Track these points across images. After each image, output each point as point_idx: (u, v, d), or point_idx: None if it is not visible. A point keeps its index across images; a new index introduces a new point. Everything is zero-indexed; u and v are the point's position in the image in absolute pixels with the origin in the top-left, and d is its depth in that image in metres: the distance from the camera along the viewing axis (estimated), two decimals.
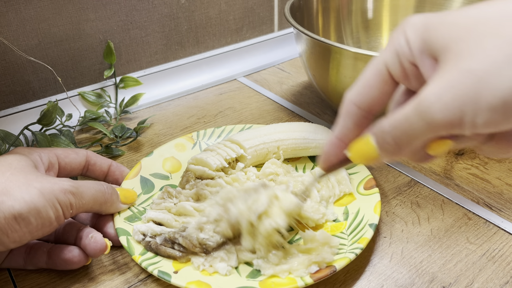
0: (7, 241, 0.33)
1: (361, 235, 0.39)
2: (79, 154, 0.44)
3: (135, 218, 0.43)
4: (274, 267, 0.37)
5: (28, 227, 0.34)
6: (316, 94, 0.69)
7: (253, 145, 0.49)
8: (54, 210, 0.35)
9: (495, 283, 0.38)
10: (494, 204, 0.47)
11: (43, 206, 0.34)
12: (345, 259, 0.37)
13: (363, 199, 0.44)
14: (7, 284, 0.39)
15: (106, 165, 0.46)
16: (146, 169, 0.49)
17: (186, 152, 0.52)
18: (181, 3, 0.68)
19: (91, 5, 0.60)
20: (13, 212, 0.33)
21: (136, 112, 0.65)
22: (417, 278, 0.39)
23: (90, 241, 0.37)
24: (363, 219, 0.41)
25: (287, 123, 0.52)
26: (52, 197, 0.35)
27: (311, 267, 0.36)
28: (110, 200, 0.40)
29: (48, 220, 0.35)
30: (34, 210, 0.33)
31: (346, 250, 0.39)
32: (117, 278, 0.39)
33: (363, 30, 0.72)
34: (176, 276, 0.37)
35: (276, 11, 0.81)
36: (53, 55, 0.60)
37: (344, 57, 0.51)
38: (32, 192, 0.34)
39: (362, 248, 0.38)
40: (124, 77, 0.65)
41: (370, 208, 0.42)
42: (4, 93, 0.58)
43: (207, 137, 0.54)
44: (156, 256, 0.39)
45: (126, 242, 0.39)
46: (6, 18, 0.54)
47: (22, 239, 0.34)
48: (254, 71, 0.76)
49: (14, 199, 0.33)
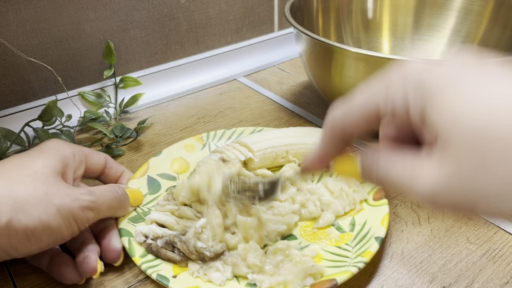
0: (15, 254, 0.34)
1: (365, 248, 0.38)
2: (101, 156, 0.44)
3: (139, 219, 0.42)
4: (270, 278, 0.36)
5: (39, 244, 0.34)
6: (316, 94, 0.69)
7: (261, 148, 0.49)
8: (69, 227, 0.35)
9: (495, 283, 0.38)
10: None
11: (58, 226, 0.34)
12: (347, 272, 0.36)
13: (371, 210, 0.43)
14: (7, 284, 0.39)
15: (120, 171, 0.45)
16: (153, 169, 0.48)
17: (195, 153, 0.52)
18: (181, 3, 0.68)
19: (91, 5, 0.60)
20: (26, 231, 0.33)
21: (136, 112, 0.65)
22: (417, 278, 0.39)
23: (83, 261, 0.37)
24: (369, 232, 0.40)
25: (297, 128, 0.52)
26: (69, 215, 0.35)
27: (307, 280, 0.36)
28: (123, 206, 0.41)
29: (60, 237, 0.35)
30: (48, 230, 0.34)
31: (349, 263, 0.38)
32: (117, 279, 0.39)
33: (363, 30, 0.72)
34: (174, 280, 0.36)
35: (276, 11, 0.81)
36: (53, 55, 0.60)
37: (344, 57, 0.51)
38: (50, 211, 0.34)
39: (366, 262, 0.37)
40: (124, 77, 0.65)
41: (377, 220, 0.41)
42: (4, 93, 0.58)
43: (217, 139, 0.54)
44: (156, 259, 0.39)
45: (127, 243, 0.39)
46: (6, 18, 0.54)
47: (31, 253, 0.35)
48: (254, 71, 0.76)
49: (31, 218, 0.33)
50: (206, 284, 0.37)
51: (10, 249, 0.33)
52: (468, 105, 0.21)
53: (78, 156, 0.40)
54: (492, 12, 0.65)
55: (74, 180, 0.40)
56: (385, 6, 0.72)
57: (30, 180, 0.35)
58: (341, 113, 0.27)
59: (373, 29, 0.72)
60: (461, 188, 0.21)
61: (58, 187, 0.36)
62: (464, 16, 0.68)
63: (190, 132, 0.60)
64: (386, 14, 0.72)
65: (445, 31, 0.69)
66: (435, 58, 0.70)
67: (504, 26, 0.64)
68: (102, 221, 0.41)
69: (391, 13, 0.72)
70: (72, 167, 0.39)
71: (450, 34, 0.69)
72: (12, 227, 0.32)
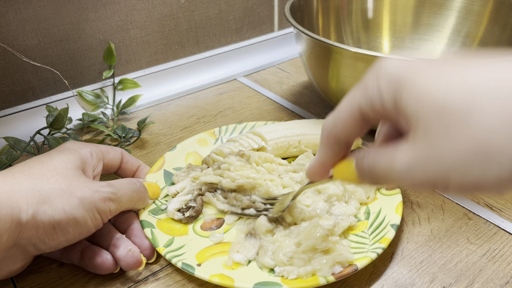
0: (43, 248, 0.35)
1: (382, 234, 0.39)
2: (117, 152, 0.45)
3: (159, 211, 0.43)
4: (298, 269, 0.36)
5: (65, 236, 0.35)
6: (316, 94, 0.69)
7: (274, 138, 0.50)
8: (93, 219, 0.36)
9: (495, 283, 0.38)
10: (495, 204, 0.47)
11: (82, 217, 0.35)
12: (367, 258, 0.37)
13: (384, 199, 0.44)
14: (7, 284, 0.39)
15: (136, 165, 0.47)
16: (169, 163, 0.50)
17: (208, 147, 0.53)
18: (181, 3, 0.68)
19: (91, 5, 0.60)
20: (52, 222, 0.34)
21: (135, 112, 0.65)
22: (417, 278, 0.39)
23: (127, 255, 0.37)
24: (385, 219, 0.41)
25: (310, 120, 0.54)
26: (92, 207, 0.36)
27: (335, 267, 0.36)
28: (142, 198, 0.42)
29: (86, 228, 0.36)
30: (72, 220, 0.35)
31: (367, 249, 0.38)
32: (117, 278, 0.39)
33: (363, 30, 0.72)
34: (199, 268, 0.37)
35: (276, 11, 0.81)
36: (53, 55, 0.60)
37: (344, 57, 0.51)
38: (73, 202, 0.35)
39: (383, 248, 0.38)
40: (122, 79, 0.64)
41: (391, 209, 0.42)
42: (4, 93, 0.58)
43: (229, 133, 0.55)
44: (181, 248, 0.40)
45: (150, 234, 0.40)
46: (6, 18, 0.54)
47: (58, 246, 0.36)
48: (254, 71, 0.76)
49: (55, 209, 0.34)
50: (230, 271, 0.38)
51: (38, 242, 0.34)
52: (432, 87, 0.23)
53: (95, 154, 0.41)
54: (492, 12, 0.65)
55: (94, 177, 0.41)
56: (385, 6, 0.72)
57: (52, 174, 0.36)
58: (331, 120, 0.29)
59: (373, 29, 0.72)
60: (432, 161, 0.23)
61: (79, 180, 0.37)
62: (464, 16, 0.68)
63: (190, 132, 0.60)
64: (386, 14, 0.72)
65: (445, 31, 0.69)
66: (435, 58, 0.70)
67: (504, 26, 0.64)
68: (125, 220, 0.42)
69: (391, 13, 0.72)
70: (91, 165, 0.40)
71: (450, 34, 0.69)
72: (38, 219, 0.33)
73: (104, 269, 0.38)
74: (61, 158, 0.38)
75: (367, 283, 0.38)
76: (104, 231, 0.40)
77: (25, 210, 0.33)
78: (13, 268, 0.36)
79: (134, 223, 0.41)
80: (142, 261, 0.38)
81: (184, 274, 0.39)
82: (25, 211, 0.32)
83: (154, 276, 0.39)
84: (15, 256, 0.35)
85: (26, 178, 0.34)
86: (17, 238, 0.33)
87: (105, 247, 0.39)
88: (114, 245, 0.38)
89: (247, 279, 0.36)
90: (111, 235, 0.39)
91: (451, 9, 0.69)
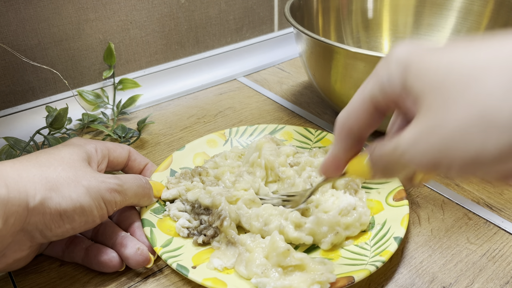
0: (50, 235, 0.35)
1: (384, 247, 0.38)
2: (124, 149, 0.45)
3: (161, 210, 0.43)
4: (275, 282, 0.35)
5: (71, 224, 0.35)
6: (316, 94, 0.69)
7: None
8: (99, 209, 0.36)
9: (496, 283, 0.38)
10: (495, 204, 0.47)
11: (89, 206, 0.35)
12: (365, 271, 0.36)
13: (391, 211, 0.43)
14: (7, 284, 0.39)
15: (143, 163, 0.47)
16: (176, 162, 0.50)
17: (217, 148, 0.53)
18: (181, 3, 0.68)
19: (91, 5, 0.60)
20: (59, 209, 0.34)
21: (135, 112, 0.65)
22: (417, 278, 0.39)
23: (136, 253, 0.38)
24: (389, 231, 0.40)
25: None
26: (98, 196, 0.36)
27: (314, 286, 0.35)
28: (148, 194, 0.42)
29: (91, 218, 0.36)
30: (79, 208, 0.35)
31: (367, 262, 0.37)
32: (117, 278, 0.39)
33: (363, 30, 0.72)
34: (194, 271, 0.37)
35: (276, 11, 0.81)
36: (53, 55, 0.60)
37: (344, 57, 0.51)
38: (79, 190, 0.35)
39: (383, 261, 0.37)
40: (122, 79, 0.65)
41: (397, 221, 0.41)
42: (4, 93, 0.58)
43: (239, 135, 0.55)
44: (178, 249, 0.39)
45: (149, 233, 0.40)
46: (6, 18, 0.54)
47: (64, 234, 0.36)
48: (254, 71, 0.76)
49: (62, 196, 0.34)
50: (224, 275, 0.37)
51: (45, 228, 0.34)
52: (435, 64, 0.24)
53: (100, 150, 0.42)
54: (492, 12, 0.65)
55: None
56: (385, 6, 0.72)
57: (59, 163, 0.36)
58: (344, 113, 0.29)
59: (373, 29, 0.72)
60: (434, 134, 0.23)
61: (85, 170, 0.37)
62: (464, 16, 0.68)
63: (190, 132, 0.60)
64: (386, 14, 0.72)
65: (445, 31, 0.69)
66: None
67: (504, 26, 0.64)
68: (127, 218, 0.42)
69: (391, 13, 0.72)
70: (95, 160, 0.41)
71: (450, 34, 0.69)
72: (45, 205, 0.33)
73: (111, 267, 0.38)
74: (67, 150, 0.38)
75: (367, 283, 0.38)
76: (108, 230, 0.40)
77: (32, 195, 0.33)
78: (18, 256, 0.36)
79: (135, 221, 0.41)
80: (151, 258, 0.38)
81: (182, 276, 0.39)
82: (32, 196, 0.33)
83: (154, 276, 0.39)
84: (21, 242, 0.35)
85: (34, 165, 0.35)
86: (24, 223, 0.33)
87: (110, 245, 0.39)
88: (121, 244, 0.38)
89: (240, 284, 0.36)
90: (116, 234, 0.39)
91: (451, 9, 0.69)
